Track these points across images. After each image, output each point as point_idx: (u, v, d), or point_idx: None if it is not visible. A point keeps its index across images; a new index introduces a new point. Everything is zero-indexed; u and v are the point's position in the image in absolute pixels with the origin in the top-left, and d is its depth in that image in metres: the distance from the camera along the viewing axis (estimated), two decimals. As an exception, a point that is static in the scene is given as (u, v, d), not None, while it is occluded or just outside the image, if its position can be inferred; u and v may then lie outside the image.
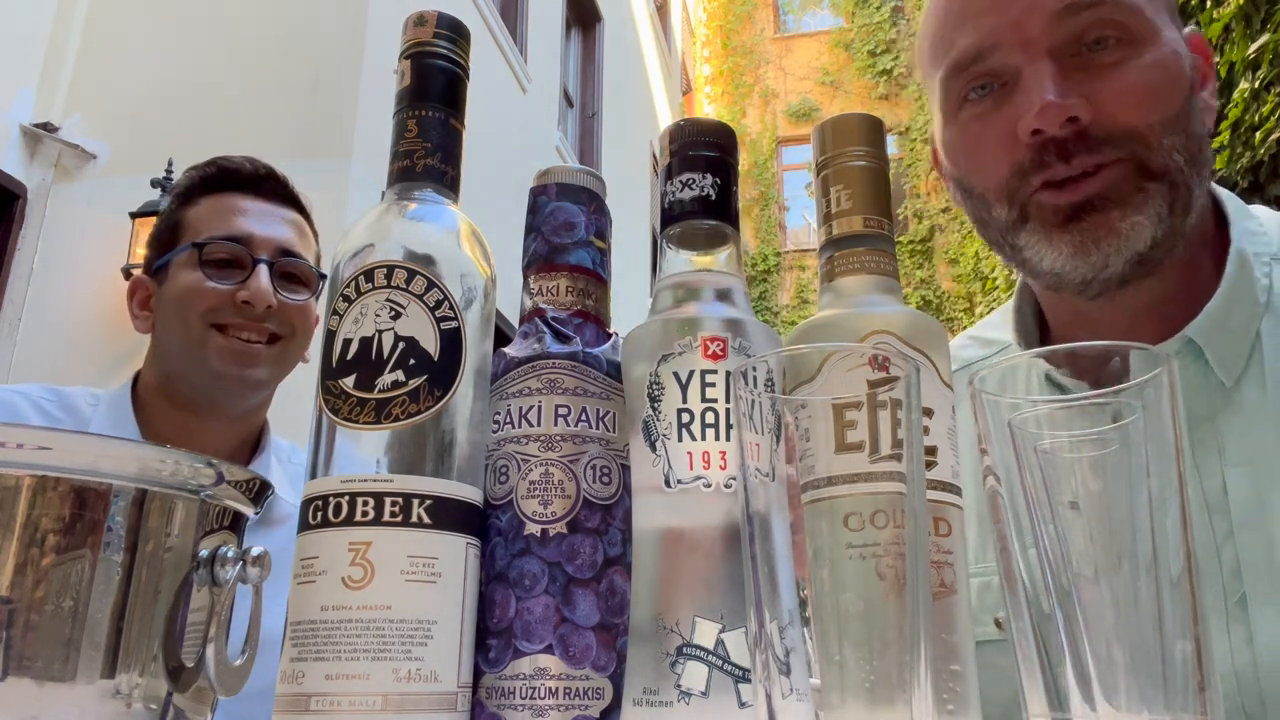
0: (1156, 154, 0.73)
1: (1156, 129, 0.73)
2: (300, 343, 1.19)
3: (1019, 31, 0.75)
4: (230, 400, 1.15)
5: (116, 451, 0.41)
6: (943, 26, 0.81)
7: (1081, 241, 0.74)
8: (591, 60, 9.14)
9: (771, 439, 0.36)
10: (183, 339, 1.12)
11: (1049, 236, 0.75)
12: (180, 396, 1.14)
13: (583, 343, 0.53)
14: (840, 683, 0.33)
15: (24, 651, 0.37)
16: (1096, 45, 0.74)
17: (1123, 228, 0.73)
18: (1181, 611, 0.34)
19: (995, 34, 0.76)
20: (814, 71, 13.81)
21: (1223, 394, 0.75)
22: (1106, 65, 0.74)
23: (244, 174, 1.21)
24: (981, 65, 0.77)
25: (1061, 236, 0.74)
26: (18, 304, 4.05)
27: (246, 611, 0.46)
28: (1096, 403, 0.36)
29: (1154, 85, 0.74)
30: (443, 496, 0.47)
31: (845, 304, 0.51)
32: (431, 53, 0.54)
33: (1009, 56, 0.76)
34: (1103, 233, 0.73)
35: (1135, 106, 0.73)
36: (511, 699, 0.46)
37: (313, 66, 4.24)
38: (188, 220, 1.18)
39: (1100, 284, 0.75)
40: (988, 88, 0.78)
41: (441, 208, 0.53)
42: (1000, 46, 0.76)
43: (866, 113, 0.55)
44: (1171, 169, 0.73)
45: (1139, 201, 0.73)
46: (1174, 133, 0.74)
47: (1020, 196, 0.76)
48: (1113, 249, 0.73)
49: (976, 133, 0.79)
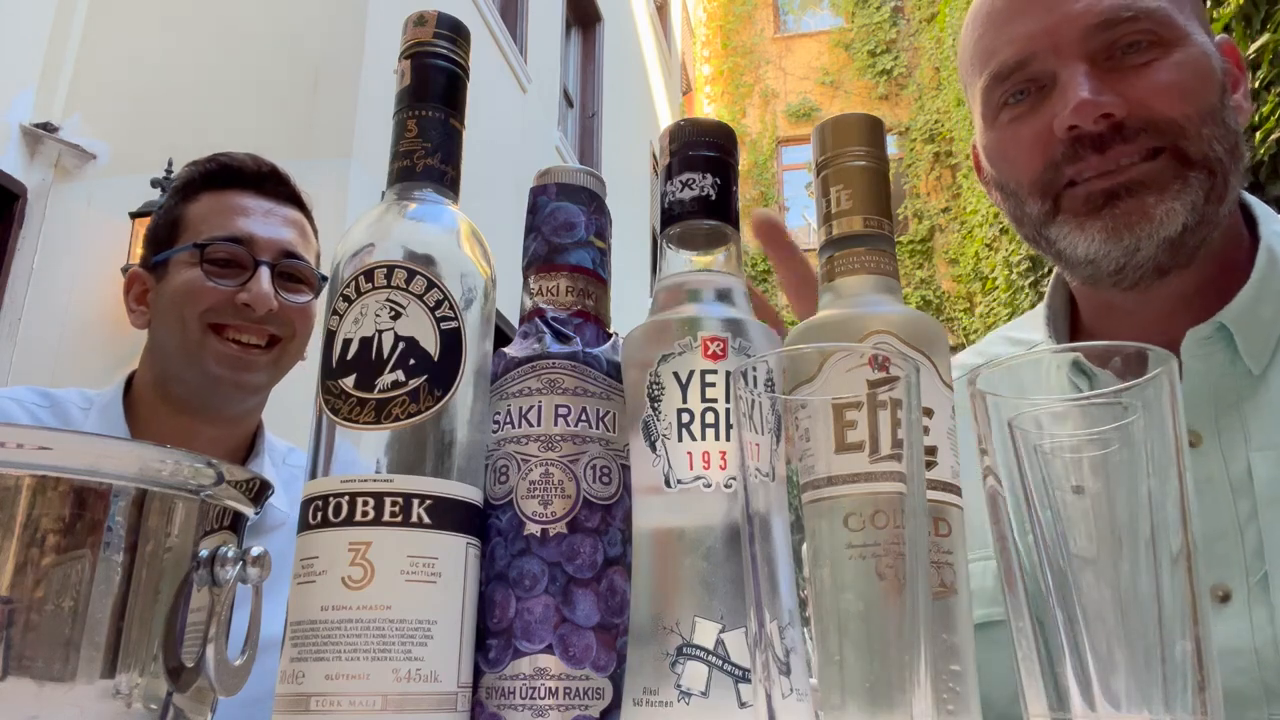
0: (1195, 143, 0.76)
1: (1194, 119, 0.76)
2: (299, 344, 1.18)
3: (1055, 38, 0.78)
4: (225, 403, 1.13)
5: (116, 451, 0.41)
6: (984, 38, 0.85)
7: (1114, 226, 0.76)
8: (591, 60, 9.14)
9: (771, 439, 0.36)
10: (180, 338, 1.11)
11: (1081, 225, 0.78)
12: (175, 398, 1.12)
13: (583, 343, 0.53)
14: (840, 683, 0.33)
15: (24, 651, 0.37)
16: (1130, 49, 0.77)
17: (1157, 213, 0.75)
18: (1182, 611, 0.34)
19: (1033, 43, 0.79)
20: (814, 71, 13.82)
21: (1249, 382, 0.77)
22: (1140, 65, 0.77)
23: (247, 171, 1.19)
24: (1021, 73, 0.81)
25: (1094, 222, 0.77)
26: (18, 304, 4.05)
27: (246, 612, 0.46)
28: (1097, 402, 0.36)
29: (1188, 80, 0.77)
30: (443, 496, 0.47)
31: (845, 304, 0.51)
32: (431, 53, 0.54)
33: (1046, 62, 0.79)
34: (1136, 217, 0.75)
35: (1171, 99, 0.76)
36: (511, 699, 0.46)
37: (313, 66, 4.24)
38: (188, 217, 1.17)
39: (1134, 271, 0.77)
40: (1026, 93, 0.81)
41: (441, 208, 0.53)
42: (1038, 55, 0.79)
43: (866, 113, 0.55)
44: (1211, 158, 0.76)
45: (1177, 189, 0.75)
46: (1213, 123, 0.76)
47: (1053, 189, 0.80)
48: (1144, 233, 0.75)
49: (1014, 133, 0.82)
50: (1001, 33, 0.83)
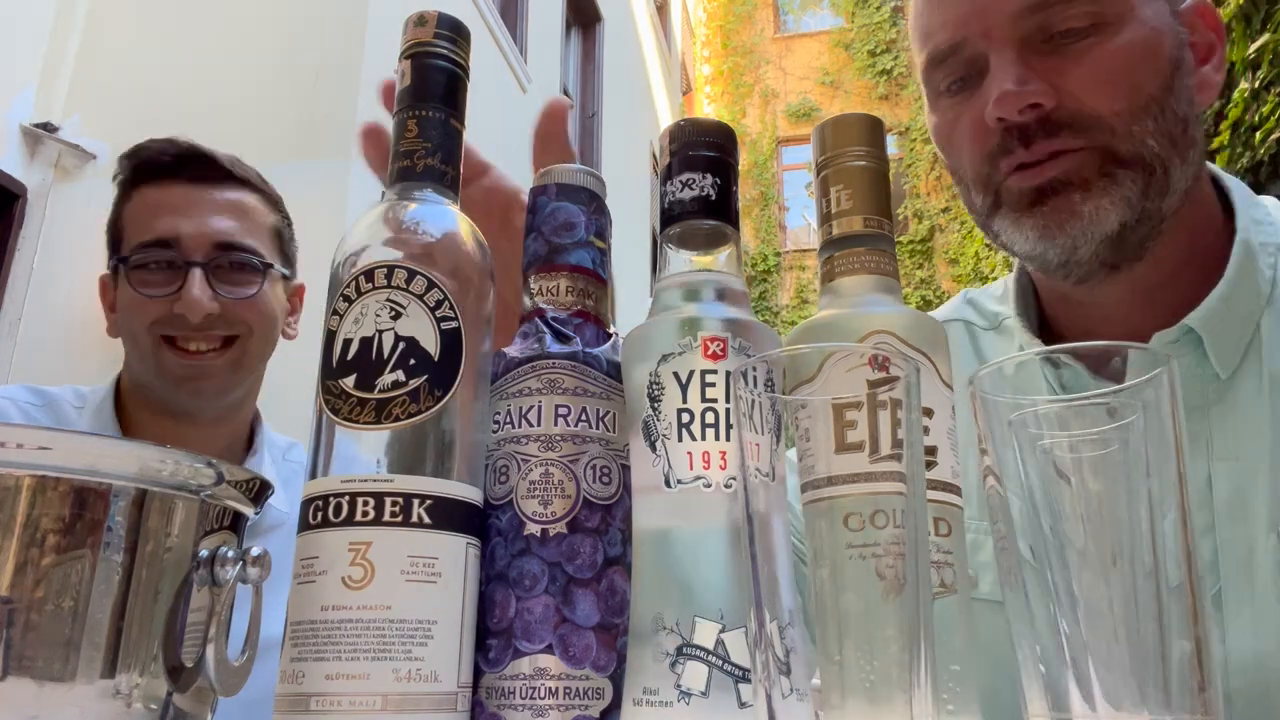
0: (1124, 141, 0.73)
1: (1124, 116, 0.73)
2: (260, 338, 1.11)
3: (985, 21, 0.75)
4: (200, 405, 1.09)
5: (116, 451, 0.42)
6: (920, 16, 0.83)
7: (1045, 225, 0.74)
8: (591, 60, 9.14)
9: (771, 439, 0.36)
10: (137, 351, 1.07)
11: (1018, 221, 0.76)
12: (154, 402, 1.10)
13: (583, 343, 0.53)
14: (840, 683, 0.33)
15: (24, 651, 0.37)
16: (1066, 33, 0.74)
17: (1084, 210, 0.73)
18: (1181, 611, 0.34)
19: (965, 26, 0.77)
20: (814, 71, 13.82)
21: (1216, 386, 0.75)
22: (1076, 52, 0.73)
23: (163, 162, 1.09)
24: (955, 58, 0.79)
25: (1028, 219, 0.75)
26: (18, 304, 4.05)
27: (246, 612, 0.46)
28: (1096, 403, 0.36)
29: (1124, 71, 0.73)
30: (443, 496, 0.47)
31: (845, 304, 0.51)
32: (432, 53, 0.54)
33: (978, 46, 0.76)
34: (1065, 215, 0.73)
35: (1102, 93, 0.73)
36: (511, 699, 0.46)
37: (313, 66, 4.24)
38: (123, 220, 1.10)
39: (1078, 268, 0.75)
40: (963, 79, 0.79)
41: (442, 208, 0.53)
42: (970, 39, 0.77)
43: (866, 113, 0.55)
44: (1146, 155, 0.73)
45: (1103, 185, 0.73)
46: (1146, 118, 0.73)
47: (994, 182, 0.77)
48: (1078, 231, 0.73)
49: (953, 122, 0.80)
50: (935, 13, 0.80)
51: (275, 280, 1.14)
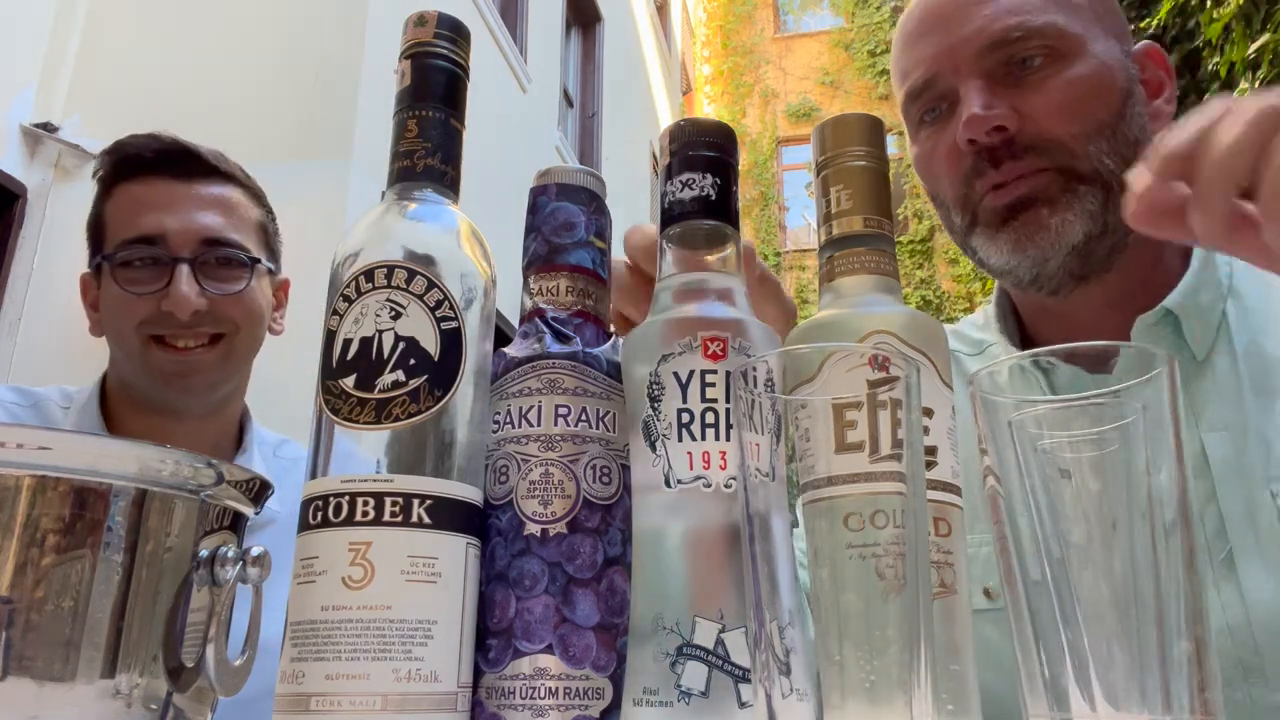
0: (1083, 161, 0.81)
1: (1080, 138, 0.81)
2: (247, 335, 1.09)
3: (954, 58, 0.85)
4: (187, 403, 1.08)
5: (116, 451, 0.42)
6: (899, 58, 0.92)
7: (1018, 238, 0.82)
8: (591, 60, 9.14)
9: (771, 439, 0.36)
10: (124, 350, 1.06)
11: (992, 237, 0.83)
12: (138, 401, 1.09)
13: (583, 343, 0.53)
14: (840, 683, 0.33)
15: (24, 651, 0.37)
16: (1024, 65, 0.83)
17: (1053, 223, 0.80)
18: (1182, 611, 0.34)
19: (936, 63, 0.86)
20: (814, 71, 13.81)
21: (1195, 367, 0.81)
22: (1035, 81, 0.82)
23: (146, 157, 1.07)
24: (930, 92, 0.87)
25: (1002, 235, 0.83)
26: (18, 304, 4.05)
27: (246, 612, 0.46)
28: (1096, 403, 0.36)
29: (1078, 98, 0.82)
30: (443, 496, 0.47)
31: (845, 304, 0.51)
32: (431, 53, 0.54)
33: (949, 80, 0.85)
34: (1034, 229, 0.81)
35: (1059, 117, 0.81)
36: (511, 699, 0.46)
37: (313, 66, 4.24)
38: (106, 217, 1.08)
39: (1048, 280, 0.83)
40: (937, 110, 0.88)
41: (441, 208, 0.53)
42: (941, 74, 0.86)
43: (866, 113, 0.55)
44: (1103, 171, 0.81)
45: (1067, 200, 0.81)
46: (1100, 139, 0.81)
47: (971, 202, 0.85)
48: (1047, 243, 0.80)
49: (930, 150, 0.89)
50: (910, 53, 0.89)
51: (261, 275, 1.12)
